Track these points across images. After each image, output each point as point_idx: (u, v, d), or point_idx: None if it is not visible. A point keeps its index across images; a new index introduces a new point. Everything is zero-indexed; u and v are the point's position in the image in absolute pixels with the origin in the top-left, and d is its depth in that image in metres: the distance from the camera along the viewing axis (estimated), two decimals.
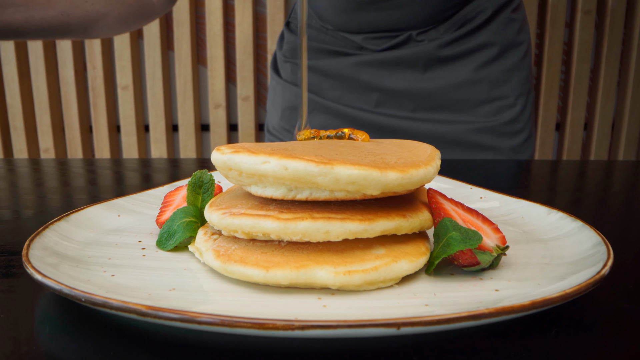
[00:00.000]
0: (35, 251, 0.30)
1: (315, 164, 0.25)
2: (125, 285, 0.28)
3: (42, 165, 0.73)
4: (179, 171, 0.69)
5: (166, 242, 0.33)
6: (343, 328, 0.21)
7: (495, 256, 0.29)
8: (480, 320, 0.22)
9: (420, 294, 0.27)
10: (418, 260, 0.28)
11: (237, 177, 0.28)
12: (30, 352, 0.23)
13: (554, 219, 0.38)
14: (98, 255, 0.32)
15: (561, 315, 0.26)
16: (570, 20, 1.75)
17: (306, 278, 0.26)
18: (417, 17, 0.76)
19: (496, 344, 0.24)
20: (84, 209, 0.39)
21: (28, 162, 0.75)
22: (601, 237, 0.32)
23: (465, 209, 0.31)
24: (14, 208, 0.49)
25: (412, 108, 0.80)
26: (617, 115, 1.83)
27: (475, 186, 0.45)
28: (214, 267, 0.28)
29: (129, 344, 0.23)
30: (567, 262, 0.31)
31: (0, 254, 0.35)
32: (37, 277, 0.26)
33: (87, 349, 0.23)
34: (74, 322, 0.26)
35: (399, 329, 0.21)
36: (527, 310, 0.23)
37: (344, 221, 0.27)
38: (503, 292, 0.27)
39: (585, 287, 0.25)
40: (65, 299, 0.27)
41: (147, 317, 0.22)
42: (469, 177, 0.57)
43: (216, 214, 0.29)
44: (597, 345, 0.24)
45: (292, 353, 0.23)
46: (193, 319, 0.22)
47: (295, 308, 0.25)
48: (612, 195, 0.56)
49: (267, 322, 0.21)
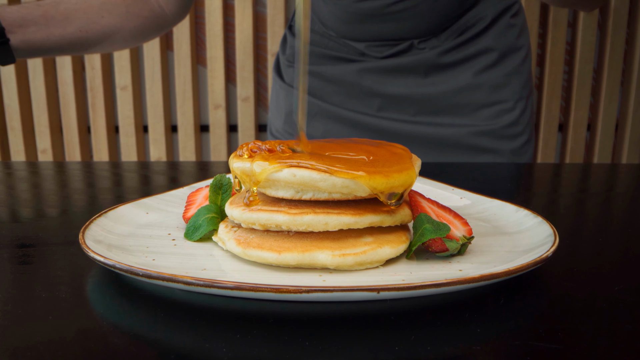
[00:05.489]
0: (89, 241, 0.39)
1: (317, 172, 0.35)
2: (165, 266, 0.37)
3: (45, 167, 0.83)
4: (177, 173, 0.78)
5: (193, 234, 0.43)
6: (337, 292, 0.31)
7: (461, 244, 0.39)
8: (441, 288, 0.32)
9: (399, 272, 0.36)
10: (399, 246, 0.38)
11: (254, 180, 0.38)
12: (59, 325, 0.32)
13: (520, 215, 0.47)
14: (137, 245, 0.42)
15: (510, 289, 0.36)
16: (572, 20, 1.85)
17: (310, 260, 0.36)
18: (418, 29, 0.84)
19: (456, 307, 0.33)
20: (118, 207, 0.48)
21: (25, 165, 0.85)
22: (553, 230, 0.41)
23: (439, 206, 0.41)
24: (17, 208, 0.59)
25: (414, 112, 0.87)
26: (621, 116, 1.92)
27: (457, 187, 0.55)
28: (236, 253, 0.38)
29: (164, 310, 0.33)
30: (522, 250, 0.40)
31: (18, 247, 0.45)
32: (99, 259, 0.35)
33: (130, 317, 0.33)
34: (92, 297, 0.35)
35: (379, 292, 0.31)
36: (477, 281, 0.32)
37: (339, 215, 0.36)
38: (465, 272, 0.37)
39: (526, 266, 0.35)
40: (69, 283, 0.37)
41: (191, 285, 0.32)
42: (466, 179, 0.67)
43: (237, 210, 0.39)
44: (537, 310, 0.34)
45: (299, 316, 0.32)
46: (226, 286, 0.31)
47: (301, 282, 0.35)
48: (589, 197, 0.65)
49: (282, 287, 0.31)
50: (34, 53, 0.71)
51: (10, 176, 0.74)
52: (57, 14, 0.72)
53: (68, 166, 0.84)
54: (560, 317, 0.33)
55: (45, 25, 0.71)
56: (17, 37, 0.69)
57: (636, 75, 1.85)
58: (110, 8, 0.76)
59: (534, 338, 0.30)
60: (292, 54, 0.94)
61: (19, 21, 0.69)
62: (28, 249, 0.44)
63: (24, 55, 0.71)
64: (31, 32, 0.70)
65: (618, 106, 1.89)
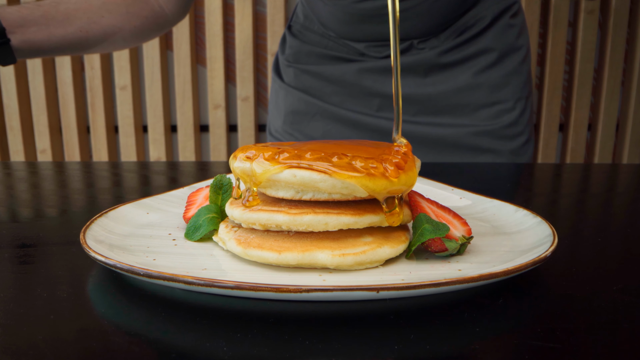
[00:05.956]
0: (90, 241, 0.40)
1: (317, 173, 0.35)
2: (166, 266, 0.38)
3: (45, 167, 0.83)
4: (177, 173, 0.78)
5: (193, 234, 0.43)
6: (337, 291, 0.31)
7: (460, 244, 0.39)
8: (440, 287, 0.32)
9: (399, 272, 0.37)
10: (398, 246, 0.38)
11: (254, 180, 0.38)
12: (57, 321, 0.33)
13: (519, 215, 0.47)
14: (138, 244, 0.42)
15: (510, 289, 0.36)
16: (573, 20, 1.85)
17: (310, 259, 0.36)
18: (418, 29, 0.84)
19: (456, 307, 0.33)
20: (118, 207, 0.48)
21: (25, 165, 0.85)
22: (552, 230, 0.42)
23: (439, 206, 0.41)
24: (16, 208, 0.59)
25: (414, 112, 0.88)
26: (622, 116, 1.92)
27: (456, 187, 0.55)
28: (236, 252, 0.38)
29: (160, 309, 0.33)
30: (521, 250, 0.40)
31: (19, 247, 0.45)
32: (100, 259, 0.36)
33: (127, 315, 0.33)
34: (90, 296, 0.35)
35: (379, 292, 0.31)
36: (476, 281, 0.33)
37: (339, 215, 0.37)
38: (464, 271, 0.37)
39: (525, 266, 0.35)
40: (64, 281, 0.37)
41: (192, 285, 0.32)
42: (466, 179, 0.67)
43: (237, 210, 0.39)
44: (536, 310, 0.34)
45: (299, 316, 0.32)
46: (227, 286, 0.31)
47: (301, 282, 0.35)
48: (589, 197, 0.65)
49: (282, 287, 0.31)
50: (34, 53, 0.72)
51: (9, 176, 0.75)
52: (57, 14, 0.72)
53: (67, 166, 0.84)
54: (560, 317, 0.33)
55: (45, 26, 0.71)
56: (18, 38, 0.69)
57: (637, 75, 1.86)
58: (110, 8, 0.76)
59: (533, 337, 0.30)
60: (292, 54, 0.94)
61: (20, 21, 0.69)
62: (28, 249, 0.44)
63: (24, 55, 0.71)
64: (32, 33, 0.70)
65: (619, 106, 1.90)
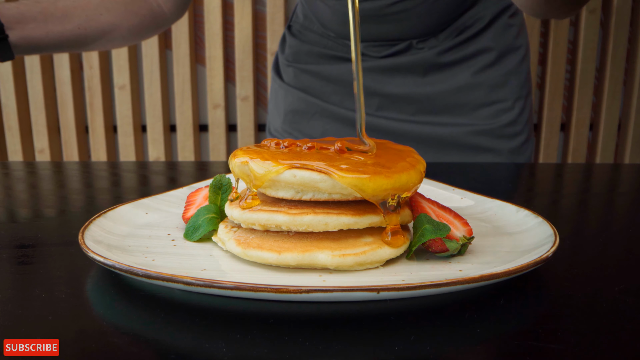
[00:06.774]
0: (89, 242, 0.40)
1: (317, 173, 0.35)
2: (165, 267, 0.38)
3: (42, 167, 0.83)
4: (176, 173, 0.78)
5: (192, 234, 0.43)
6: (337, 292, 0.31)
7: (461, 244, 0.39)
8: (441, 288, 0.32)
9: (399, 273, 0.37)
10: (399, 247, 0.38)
11: (254, 181, 0.38)
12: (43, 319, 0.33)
13: (521, 216, 0.47)
14: (137, 245, 0.42)
15: (511, 290, 0.36)
16: (575, 19, 1.85)
17: (310, 260, 0.36)
18: (417, 29, 0.85)
19: (456, 307, 0.33)
20: (117, 207, 0.48)
21: (23, 165, 0.85)
22: (553, 230, 0.42)
23: (439, 206, 0.41)
24: (17, 208, 0.59)
25: (413, 112, 0.88)
26: (624, 115, 1.92)
27: (457, 188, 0.55)
28: (236, 253, 0.38)
29: (160, 309, 0.33)
30: (523, 250, 0.40)
31: (17, 247, 0.45)
32: (99, 259, 0.36)
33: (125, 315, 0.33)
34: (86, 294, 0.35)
35: (379, 293, 0.31)
36: (477, 281, 0.33)
37: (339, 215, 0.37)
38: (465, 272, 0.37)
39: (526, 266, 0.35)
40: (63, 282, 0.37)
41: (191, 285, 0.32)
42: (467, 179, 0.67)
43: (237, 210, 0.39)
44: (537, 311, 0.34)
45: (299, 316, 0.32)
46: (226, 286, 0.31)
47: (301, 282, 0.35)
48: (591, 197, 0.65)
49: (282, 287, 0.31)
50: (32, 49, 0.72)
51: (7, 176, 0.75)
52: (55, 10, 0.72)
53: (66, 166, 0.84)
54: (561, 318, 0.33)
55: (43, 22, 0.72)
56: (16, 34, 0.69)
57: (639, 74, 1.86)
58: (108, 6, 0.76)
59: (534, 338, 0.30)
60: (292, 54, 0.94)
61: (18, 17, 0.69)
62: (27, 250, 0.44)
63: (22, 51, 0.71)
64: (30, 29, 0.71)
65: (621, 105, 1.89)
